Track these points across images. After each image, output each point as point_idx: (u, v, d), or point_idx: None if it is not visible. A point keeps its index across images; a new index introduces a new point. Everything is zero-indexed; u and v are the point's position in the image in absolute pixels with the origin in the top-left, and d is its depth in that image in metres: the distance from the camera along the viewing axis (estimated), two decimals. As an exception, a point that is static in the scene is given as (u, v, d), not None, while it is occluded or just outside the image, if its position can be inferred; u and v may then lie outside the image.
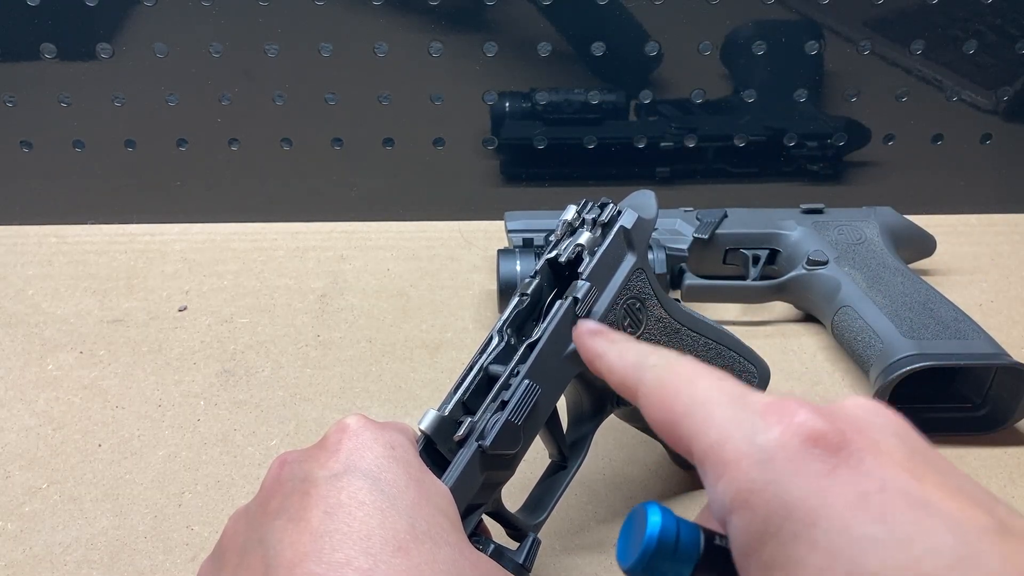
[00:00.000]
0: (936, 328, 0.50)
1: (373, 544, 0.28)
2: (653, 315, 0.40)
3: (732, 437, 0.23)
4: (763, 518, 0.22)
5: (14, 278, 0.65)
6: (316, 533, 0.28)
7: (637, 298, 0.39)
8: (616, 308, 0.38)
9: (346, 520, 0.29)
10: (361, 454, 0.31)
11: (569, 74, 0.68)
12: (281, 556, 0.28)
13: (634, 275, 0.39)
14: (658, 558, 0.24)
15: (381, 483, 0.30)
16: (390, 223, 0.72)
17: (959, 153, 0.71)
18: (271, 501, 0.32)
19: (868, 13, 0.66)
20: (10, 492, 0.47)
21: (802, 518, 0.21)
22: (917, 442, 0.23)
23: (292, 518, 0.30)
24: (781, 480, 0.22)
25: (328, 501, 0.29)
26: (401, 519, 0.29)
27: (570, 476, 0.38)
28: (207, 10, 0.64)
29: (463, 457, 0.33)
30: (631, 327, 0.39)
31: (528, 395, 0.34)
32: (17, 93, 0.67)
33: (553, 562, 0.42)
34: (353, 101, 0.68)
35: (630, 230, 0.39)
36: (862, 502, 0.21)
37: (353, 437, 0.32)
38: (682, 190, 0.72)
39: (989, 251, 0.68)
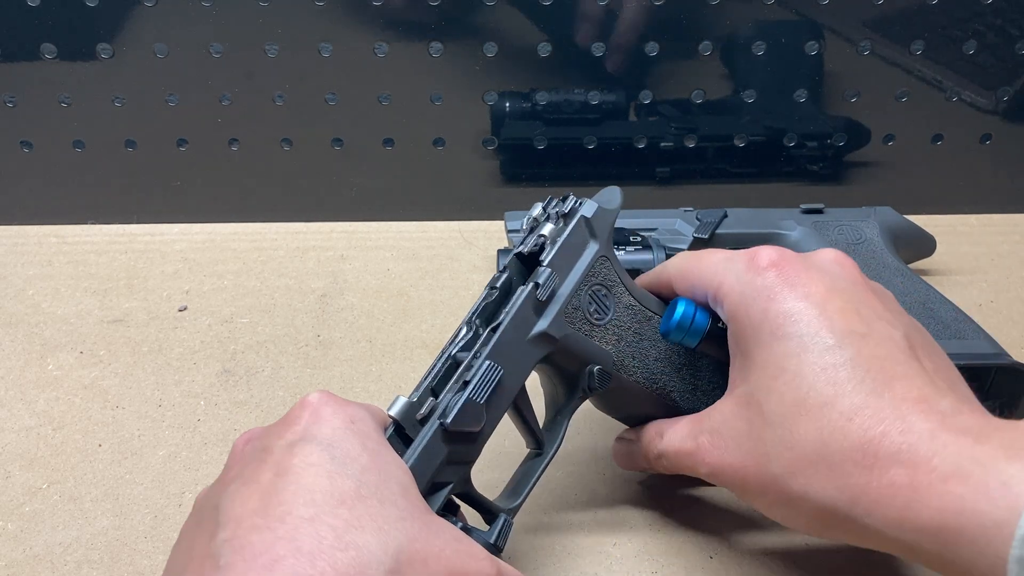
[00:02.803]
0: (936, 328, 0.50)
1: (316, 498, 0.29)
2: (622, 302, 0.41)
3: (726, 279, 0.38)
4: (739, 326, 0.37)
5: (14, 278, 0.65)
6: (264, 492, 0.30)
7: (603, 284, 0.40)
8: (580, 294, 0.39)
9: (294, 479, 0.30)
10: (319, 425, 0.32)
11: (569, 74, 0.68)
12: (230, 513, 0.30)
13: (598, 262, 0.40)
14: (679, 330, 0.40)
15: (334, 449, 0.31)
16: (390, 223, 0.72)
17: (959, 153, 0.71)
18: (230, 471, 0.33)
19: (868, 13, 0.66)
20: (10, 492, 0.47)
21: (755, 326, 0.36)
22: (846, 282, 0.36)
23: (245, 482, 0.31)
24: (747, 304, 0.36)
25: (280, 465, 0.31)
26: (348, 480, 0.30)
27: (546, 462, 0.40)
28: (207, 10, 0.64)
29: (425, 434, 0.34)
30: (598, 313, 0.40)
31: (489, 374, 0.35)
32: (17, 93, 0.67)
33: (553, 562, 0.43)
34: (353, 101, 0.68)
35: (590, 219, 0.40)
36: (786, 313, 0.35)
37: (314, 411, 0.33)
38: (682, 190, 0.72)
39: (989, 251, 0.68)
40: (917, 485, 0.29)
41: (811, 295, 0.35)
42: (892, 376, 0.32)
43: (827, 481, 0.32)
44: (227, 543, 0.29)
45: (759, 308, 0.35)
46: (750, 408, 0.35)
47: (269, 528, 0.29)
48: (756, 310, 0.36)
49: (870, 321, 0.34)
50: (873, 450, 0.30)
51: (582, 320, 0.39)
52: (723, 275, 0.38)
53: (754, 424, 0.34)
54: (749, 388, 0.35)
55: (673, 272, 0.41)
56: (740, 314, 0.36)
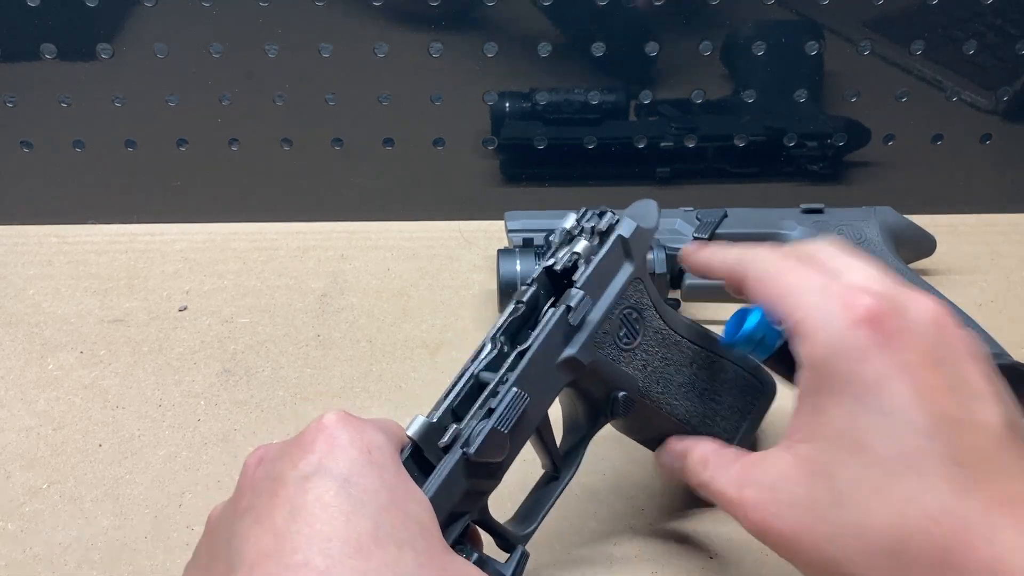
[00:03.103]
0: (936, 328, 0.50)
1: (333, 546, 0.28)
2: (651, 326, 0.39)
3: (813, 316, 0.32)
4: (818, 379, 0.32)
5: (14, 278, 0.65)
6: (279, 534, 0.28)
7: (635, 308, 0.39)
8: (612, 318, 0.38)
9: (308, 521, 0.29)
10: (335, 456, 0.31)
11: (569, 74, 0.68)
12: (244, 556, 0.28)
13: (631, 285, 0.38)
14: (746, 344, 0.37)
15: (350, 486, 0.30)
16: (390, 223, 0.72)
17: (959, 153, 0.71)
18: (242, 500, 0.32)
19: (868, 13, 0.66)
20: (10, 492, 0.47)
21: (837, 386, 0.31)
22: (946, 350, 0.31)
23: (258, 518, 0.30)
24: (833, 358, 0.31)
25: (294, 502, 0.29)
26: (365, 522, 0.29)
27: (562, 487, 0.38)
28: (207, 10, 0.64)
29: (447, 464, 0.33)
30: (627, 337, 0.38)
31: (516, 403, 0.34)
32: (17, 93, 0.67)
33: (554, 562, 0.42)
34: (353, 101, 0.68)
35: (628, 239, 0.39)
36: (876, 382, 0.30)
37: (329, 437, 0.31)
38: (682, 190, 0.72)
39: (989, 251, 0.68)
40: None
41: (908, 365, 0.30)
42: (986, 472, 0.28)
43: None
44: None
45: (847, 367, 0.31)
46: (816, 478, 0.31)
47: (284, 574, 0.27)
48: (843, 368, 0.31)
49: (968, 402, 0.30)
50: (954, 560, 0.27)
51: (611, 345, 0.38)
52: (810, 309, 0.32)
53: (819, 497, 0.30)
54: (818, 453, 0.31)
55: (751, 275, 0.36)
56: (821, 365, 0.31)
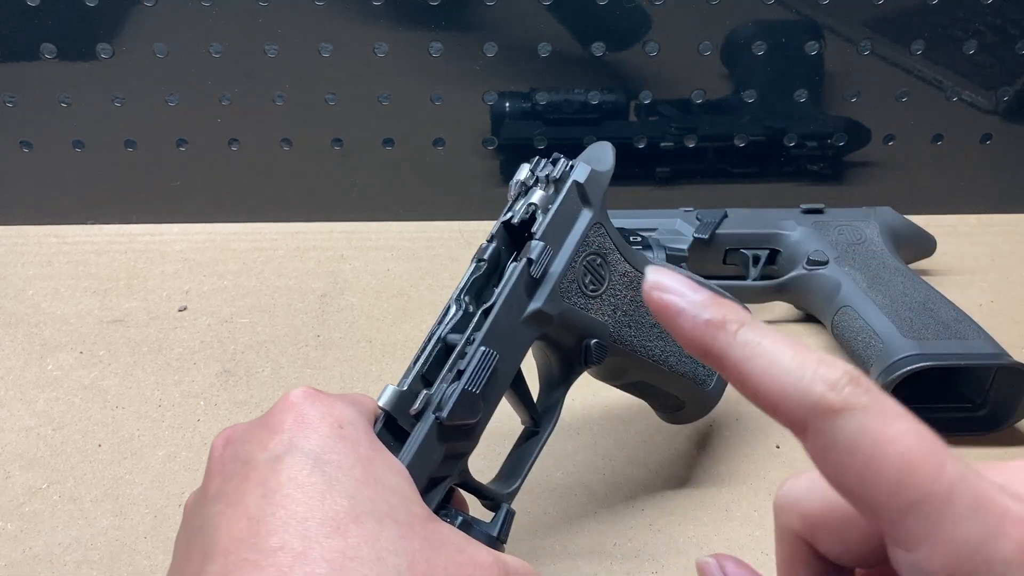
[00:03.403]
0: (936, 328, 0.50)
1: (309, 527, 0.27)
2: (617, 270, 0.38)
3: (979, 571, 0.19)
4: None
5: (14, 278, 0.65)
6: (252, 518, 0.28)
7: (597, 254, 0.38)
8: (575, 266, 0.37)
9: (282, 503, 0.28)
10: (305, 433, 0.30)
11: (569, 74, 0.68)
12: (217, 543, 0.28)
13: (592, 230, 0.38)
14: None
15: (323, 463, 0.29)
16: (390, 223, 0.72)
17: (959, 153, 0.71)
18: (211, 484, 0.31)
19: (868, 13, 0.66)
20: (10, 492, 0.47)
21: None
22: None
23: (230, 502, 0.29)
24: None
25: (267, 484, 0.28)
26: (342, 499, 0.28)
27: (542, 441, 0.38)
28: (207, 10, 0.64)
29: (420, 431, 0.32)
30: (593, 284, 0.38)
31: (485, 362, 0.33)
32: (17, 93, 0.67)
33: (553, 562, 0.42)
34: (353, 101, 0.68)
35: (583, 184, 0.38)
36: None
37: (298, 415, 0.30)
38: (682, 190, 0.72)
39: (989, 251, 0.68)
40: None
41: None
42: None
43: None
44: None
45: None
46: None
47: (259, 565, 0.26)
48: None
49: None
50: None
51: (577, 293, 0.37)
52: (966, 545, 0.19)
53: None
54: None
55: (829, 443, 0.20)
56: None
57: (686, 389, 0.44)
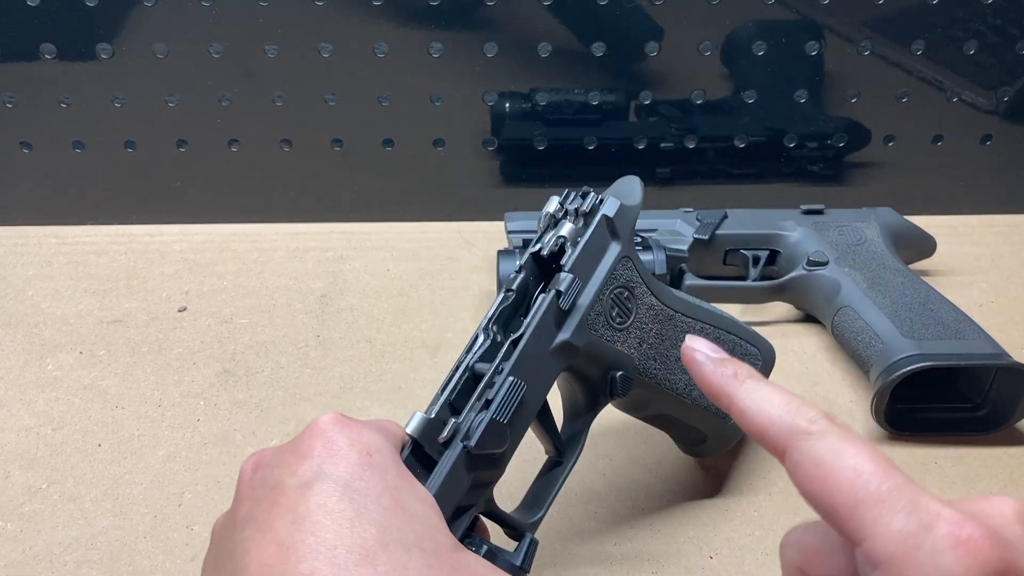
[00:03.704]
0: (936, 328, 0.50)
1: (338, 554, 0.27)
2: (643, 303, 0.39)
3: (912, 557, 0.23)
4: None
5: (14, 278, 0.65)
6: (282, 544, 0.28)
7: (625, 287, 0.38)
8: (603, 299, 0.38)
9: (312, 530, 0.28)
10: (334, 460, 0.30)
11: (569, 74, 0.68)
12: (247, 568, 0.28)
13: (620, 264, 0.38)
14: None
15: (352, 491, 0.29)
16: (390, 223, 0.72)
17: (959, 153, 0.71)
18: (241, 508, 0.31)
19: (868, 13, 0.66)
20: (10, 492, 0.47)
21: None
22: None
23: (260, 528, 0.29)
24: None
25: (296, 511, 0.29)
26: (370, 527, 0.28)
27: (566, 472, 0.38)
28: (207, 10, 0.64)
29: (448, 460, 0.32)
30: (620, 316, 0.38)
31: (513, 392, 0.34)
32: (17, 93, 0.67)
33: (553, 562, 0.42)
34: (353, 101, 0.68)
35: (612, 218, 0.38)
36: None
37: (327, 442, 0.31)
38: (682, 190, 0.72)
39: (989, 251, 0.68)
40: None
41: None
42: None
43: None
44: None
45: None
46: None
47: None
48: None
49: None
50: None
51: (604, 326, 0.38)
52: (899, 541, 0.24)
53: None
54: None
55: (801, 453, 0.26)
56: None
57: (708, 422, 0.44)
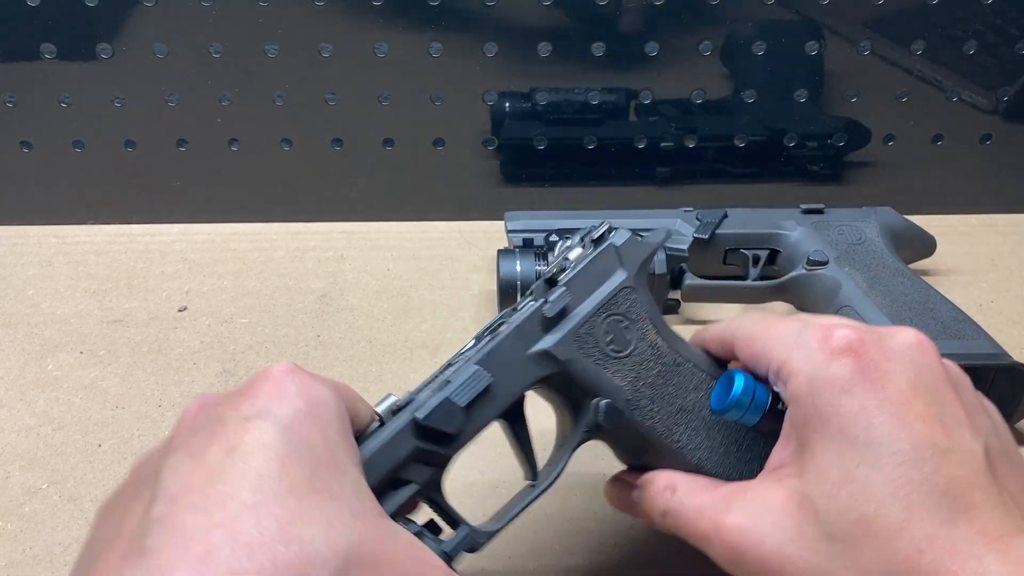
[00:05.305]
0: (936, 328, 0.50)
1: (265, 484, 0.27)
2: (646, 340, 0.38)
3: (795, 355, 0.33)
4: (803, 413, 0.32)
5: (14, 278, 0.65)
6: (210, 468, 0.28)
7: (625, 317, 0.38)
8: (596, 320, 0.37)
9: (243, 458, 0.28)
10: (280, 403, 0.30)
11: (569, 74, 0.68)
12: (169, 488, 0.28)
13: (621, 292, 0.38)
14: (737, 408, 0.35)
15: (291, 434, 0.29)
16: (390, 223, 0.72)
17: (959, 153, 0.71)
18: (176, 439, 0.31)
19: (868, 13, 0.66)
20: (10, 492, 0.47)
21: (822, 418, 0.31)
22: (930, 377, 0.31)
23: (191, 454, 0.29)
24: (816, 391, 0.32)
25: (231, 442, 0.28)
26: (302, 470, 0.28)
27: (535, 494, 0.37)
28: (207, 10, 0.64)
29: (394, 424, 0.33)
30: (614, 345, 0.37)
31: (475, 379, 0.34)
32: (17, 93, 0.67)
33: (554, 562, 0.42)
34: (353, 101, 0.68)
35: (619, 247, 0.38)
36: (860, 412, 0.30)
37: (276, 385, 0.31)
38: (682, 190, 0.72)
39: (989, 251, 0.68)
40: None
41: (891, 395, 0.30)
42: (970, 503, 0.29)
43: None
44: (159, 522, 0.27)
45: (830, 400, 0.31)
46: (804, 511, 0.31)
47: (207, 511, 0.26)
48: (826, 402, 0.31)
49: (952, 431, 0.30)
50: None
51: (595, 348, 0.37)
52: (792, 350, 0.33)
53: (807, 530, 0.30)
54: (806, 488, 0.31)
55: (739, 335, 0.37)
56: (806, 401, 0.32)
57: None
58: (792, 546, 0.30)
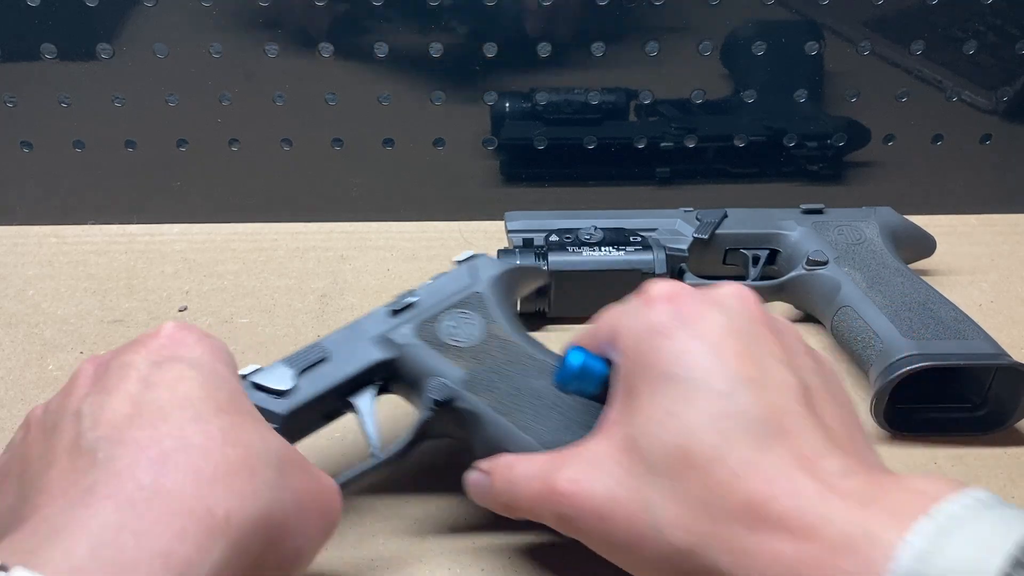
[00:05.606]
0: (936, 328, 0.50)
1: (195, 404, 0.30)
2: (491, 333, 0.43)
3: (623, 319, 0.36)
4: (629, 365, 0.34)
5: (14, 278, 0.65)
6: (136, 400, 0.29)
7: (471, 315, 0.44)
8: (440, 316, 0.43)
9: (167, 387, 0.30)
10: (187, 347, 0.33)
11: (569, 74, 0.68)
12: (100, 416, 0.29)
13: (471, 297, 0.44)
14: (575, 379, 0.38)
15: (205, 371, 0.32)
16: (390, 223, 0.72)
17: (959, 153, 0.71)
18: (78, 388, 0.32)
19: (868, 13, 0.66)
20: (10, 492, 0.47)
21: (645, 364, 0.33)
22: (746, 320, 0.34)
23: (107, 392, 0.30)
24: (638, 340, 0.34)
25: (148, 379, 0.30)
26: (222, 394, 0.31)
27: (373, 463, 0.41)
28: (207, 10, 0.64)
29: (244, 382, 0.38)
30: (457, 337, 0.43)
31: (311, 351, 0.42)
32: (17, 93, 0.67)
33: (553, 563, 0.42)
34: (353, 101, 0.68)
35: (473, 263, 0.46)
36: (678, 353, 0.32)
37: (174, 336, 0.33)
38: (682, 190, 0.72)
39: (989, 251, 0.68)
40: (802, 554, 0.27)
41: (706, 335, 0.33)
42: (784, 430, 0.30)
43: (712, 539, 0.29)
44: (105, 439, 0.28)
45: (651, 345, 0.33)
46: (631, 453, 0.32)
47: (152, 426, 0.28)
48: (648, 347, 0.33)
49: (766, 366, 0.32)
50: (761, 513, 0.28)
51: (435, 338, 0.42)
52: (621, 317, 0.36)
53: (634, 469, 0.31)
54: (632, 431, 0.32)
55: (595, 325, 0.39)
56: (631, 353, 0.34)
57: None
58: (621, 488, 0.32)
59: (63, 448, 0.29)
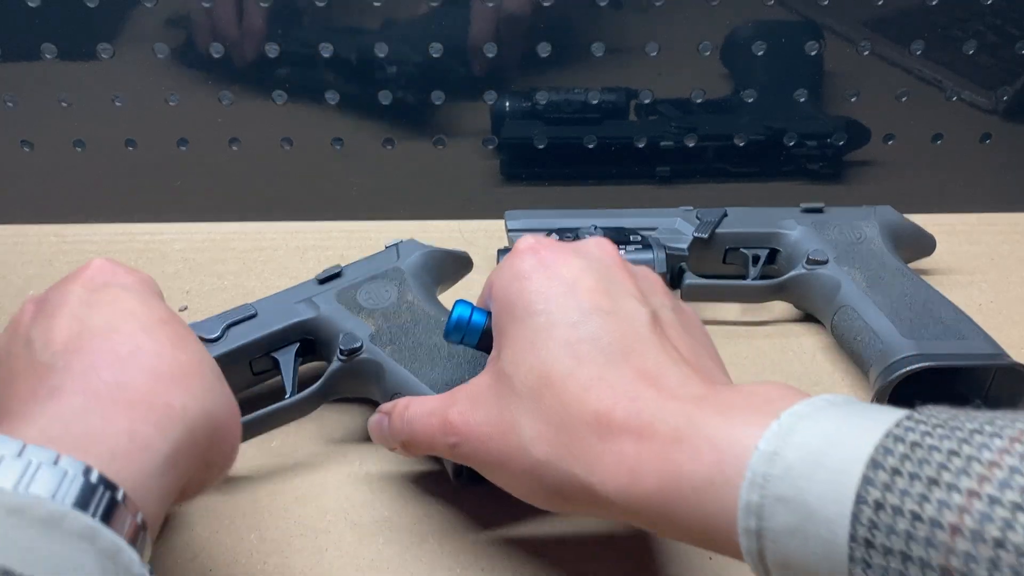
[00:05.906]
0: (936, 328, 0.50)
1: (139, 317, 0.32)
2: (403, 299, 0.49)
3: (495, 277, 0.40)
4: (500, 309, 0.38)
5: (14, 277, 0.65)
6: (81, 319, 0.32)
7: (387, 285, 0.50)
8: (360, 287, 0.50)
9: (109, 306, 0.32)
10: (118, 276, 0.35)
11: (569, 74, 0.68)
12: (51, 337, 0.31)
13: (391, 272, 0.51)
14: (456, 330, 0.42)
15: (137, 291, 0.35)
16: (390, 223, 0.72)
17: (959, 153, 0.71)
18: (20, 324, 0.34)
19: (868, 13, 0.66)
20: (10, 492, 0.47)
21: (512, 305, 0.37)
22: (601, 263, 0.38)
23: (52, 315, 0.32)
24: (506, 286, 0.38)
25: (89, 301, 0.33)
26: (161, 310, 0.34)
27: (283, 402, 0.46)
28: (207, 10, 0.64)
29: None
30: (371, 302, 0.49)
31: (243, 309, 0.48)
32: (17, 93, 0.67)
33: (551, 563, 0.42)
34: (353, 101, 0.68)
35: (397, 248, 0.53)
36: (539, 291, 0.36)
37: (104, 269, 0.36)
38: (682, 189, 0.72)
39: (989, 251, 0.68)
40: (641, 452, 0.31)
41: (563, 275, 0.37)
42: (630, 351, 0.34)
43: (567, 450, 0.33)
44: (59, 353, 0.30)
45: (516, 288, 0.37)
46: (501, 381, 0.36)
47: (105, 336, 0.31)
48: (513, 290, 0.37)
49: (617, 299, 0.36)
50: (607, 420, 0.32)
51: (351, 301, 0.49)
52: (496, 273, 0.40)
53: (503, 396, 0.35)
54: (502, 364, 0.36)
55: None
56: (500, 297, 0.38)
57: None
58: (495, 412, 0.36)
59: (20, 369, 0.31)
